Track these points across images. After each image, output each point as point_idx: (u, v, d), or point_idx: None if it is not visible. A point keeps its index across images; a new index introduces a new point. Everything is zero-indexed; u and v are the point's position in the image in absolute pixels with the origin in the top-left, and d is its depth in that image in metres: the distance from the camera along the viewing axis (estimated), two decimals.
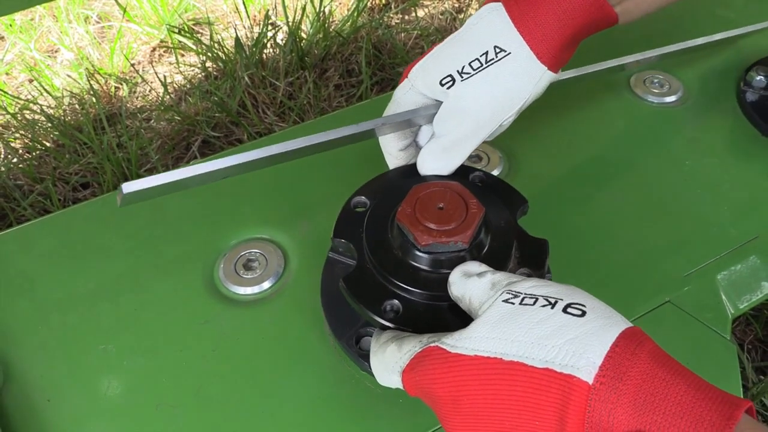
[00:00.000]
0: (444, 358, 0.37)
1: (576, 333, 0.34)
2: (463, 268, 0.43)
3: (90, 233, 0.64)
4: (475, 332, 0.37)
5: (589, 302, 0.36)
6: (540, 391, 0.33)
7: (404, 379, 0.40)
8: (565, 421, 0.32)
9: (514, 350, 0.34)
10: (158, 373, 0.54)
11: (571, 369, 0.32)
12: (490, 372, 0.35)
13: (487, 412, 0.35)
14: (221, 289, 0.59)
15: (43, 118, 0.91)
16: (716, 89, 0.76)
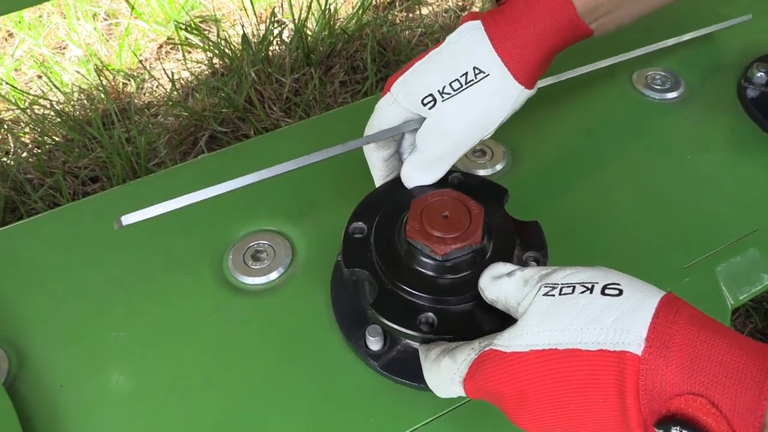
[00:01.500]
0: (502, 359, 0.39)
1: (619, 312, 0.36)
2: (490, 272, 0.45)
3: (100, 225, 0.65)
4: (525, 329, 0.39)
5: (622, 280, 0.38)
6: (598, 372, 0.35)
7: (466, 388, 0.42)
8: (624, 394, 0.35)
9: (566, 339, 0.37)
10: (169, 359, 0.55)
11: (621, 346, 0.35)
12: (548, 363, 0.37)
13: (552, 402, 0.37)
14: (230, 279, 0.60)
15: (53, 113, 0.92)
16: (717, 86, 0.77)
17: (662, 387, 0.34)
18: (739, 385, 0.32)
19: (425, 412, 0.51)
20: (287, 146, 0.73)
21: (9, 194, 0.82)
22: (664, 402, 0.33)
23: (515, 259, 0.51)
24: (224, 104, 0.93)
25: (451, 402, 0.51)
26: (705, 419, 0.32)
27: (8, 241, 0.64)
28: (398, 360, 0.52)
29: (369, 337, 0.52)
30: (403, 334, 0.48)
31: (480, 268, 0.49)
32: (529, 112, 0.72)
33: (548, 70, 0.65)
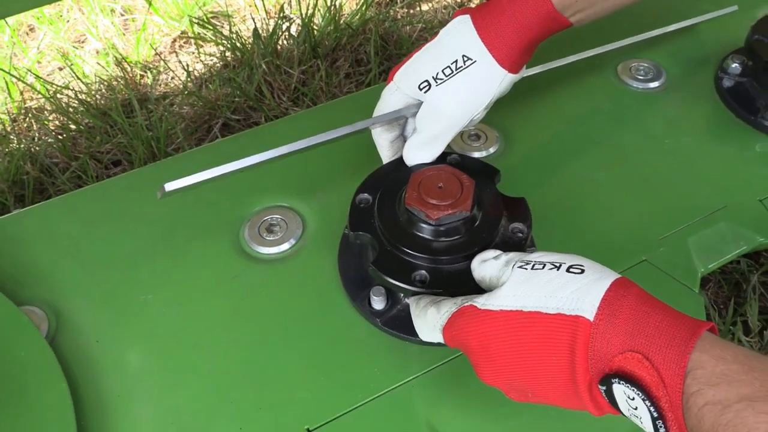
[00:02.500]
0: (475, 315, 0.46)
1: (578, 285, 0.42)
2: (481, 256, 0.51)
3: (128, 202, 0.71)
4: (499, 293, 0.45)
5: (586, 263, 0.45)
6: (554, 332, 0.41)
7: (444, 335, 0.49)
8: (574, 352, 0.40)
9: (532, 303, 0.43)
10: (194, 319, 0.61)
11: (577, 311, 0.41)
12: (513, 322, 0.43)
13: (512, 356, 0.44)
14: (246, 250, 0.66)
15: (76, 102, 0.98)
16: (696, 76, 0.83)
17: (608, 348, 0.39)
18: (669, 343, 0.37)
19: (423, 363, 0.57)
20: (296, 131, 0.78)
21: (38, 176, 0.89)
22: (607, 362, 0.39)
23: (502, 228, 0.57)
24: (236, 94, 0.99)
25: (445, 354, 0.57)
26: (639, 372, 0.37)
27: (43, 216, 0.70)
28: (398, 317, 0.58)
29: (373, 297, 0.58)
30: (400, 289, 0.54)
31: (469, 235, 0.55)
32: (520, 100, 0.78)
33: (539, 60, 0.72)
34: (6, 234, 0.68)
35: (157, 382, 0.57)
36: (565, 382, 0.42)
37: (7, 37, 1.14)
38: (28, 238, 0.67)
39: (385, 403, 0.55)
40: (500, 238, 0.57)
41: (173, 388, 0.56)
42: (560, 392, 0.43)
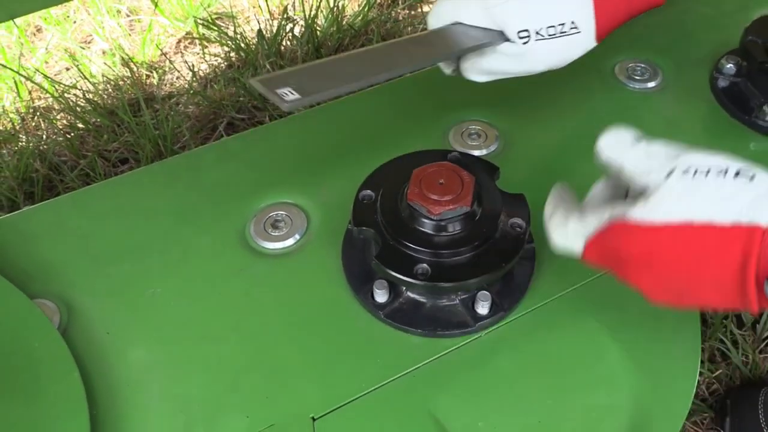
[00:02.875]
0: (635, 229, 0.44)
1: (752, 195, 0.41)
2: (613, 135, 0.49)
3: (136, 197, 0.73)
4: (660, 205, 0.43)
5: (753, 168, 0.43)
6: (728, 244, 0.41)
7: (587, 248, 0.48)
8: (747, 259, 0.40)
9: (703, 214, 0.42)
10: (201, 311, 0.62)
11: (754, 220, 0.40)
12: (682, 235, 0.42)
13: (679, 269, 0.43)
14: (252, 245, 0.68)
15: (83, 101, 1.00)
16: (692, 76, 0.84)
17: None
18: None
19: (424, 354, 0.58)
20: (300, 131, 0.81)
21: (47, 174, 0.90)
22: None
23: (501, 223, 0.59)
24: (241, 93, 1.01)
25: (446, 345, 0.59)
26: None
27: (54, 212, 0.72)
28: (400, 310, 0.60)
29: (376, 290, 0.60)
30: (402, 282, 0.56)
31: (469, 229, 0.57)
32: (520, 99, 0.80)
33: None
34: (18, 230, 0.69)
35: (166, 372, 0.58)
36: (734, 285, 0.42)
37: (15, 38, 1.16)
38: (39, 234, 0.69)
39: (388, 392, 0.56)
40: (499, 233, 0.58)
41: (181, 377, 0.58)
42: (723, 292, 0.43)
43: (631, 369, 0.58)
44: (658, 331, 0.60)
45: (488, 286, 0.59)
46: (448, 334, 0.59)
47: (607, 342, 0.59)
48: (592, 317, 0.61)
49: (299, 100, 0.49)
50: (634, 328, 0.60)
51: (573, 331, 0.60)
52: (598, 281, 0.63)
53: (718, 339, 0.73)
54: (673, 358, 0.59)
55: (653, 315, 0.61)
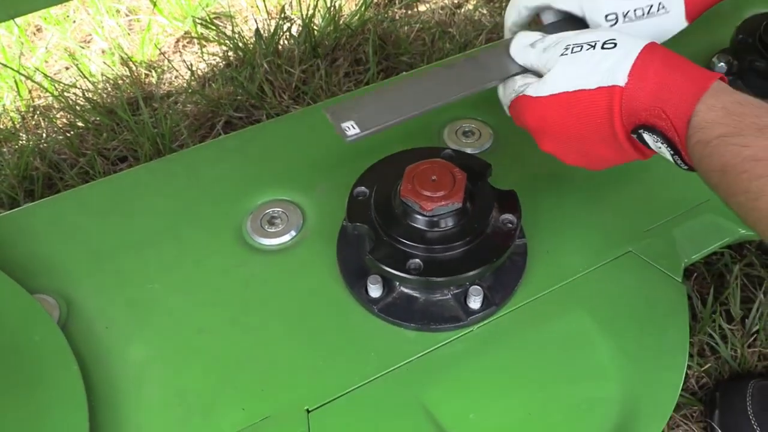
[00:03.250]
0: (530, 102, 0.55)
1: (612, 60, 0.50)
2: (518, 41, 0.59)
3: (135, 195, 0.74)
4: (548, 80, 0.54)
5: (618, 37, 0.52)
6: (596, 102, 0.51)
7: (510, 113, 0.60)
8: (612, 113, 0.50)
9: (574, 84, 0.52)
10: (199, 306, 0.64)
11: (612, 81, 0.50)
12: (563, 102, 0.53)
13: (565, 129, 0.54)
14: (249, 241, 0.69)
15: (83, 100, 1.01)
16: None
17: (637, 106, 0.49)
18: (681, 98, 0.47)
19: (417, 348, 0.60)
20: (297, 129, 0.82)
21: (47, 172, 0.92)
22: (637, 116, 0.49)
23: (493, 219, 0.60)
24: (239, 92, 1.02)
25: (438, 339, 0.60)
26: (659, 123, 0.48)
27: (54, 209, 0.73)
28: (394, 304, 0.61)
29: (370, 285, 0.61)
30: (395, 277, 0.57)
31: (461, 225, 0.58)
32: None
33: None
34: (19, 226, 0.70)
35: (164, 366, 0.60)
36: (609, 137, 0.52)
37: (15, 37, 1.17)
38: (39, 230, 0.70)
39: (381, 385, 0.58)
40: (491, 228, 0.59)
41: (179, 371, 0.59)
42: (607, 146, 0.53)
43: (621, 362, 0.59)
44: (648, 325, 0.61)
45: (480, 281, 0.60)
46: (441, 328, 0.60)
47: (597, 335, 0.61)
48: (582, 311, 0.62)
49: (360, 134, 0.56)
50: (624, 322, 0.62)
51: (563, 324, 0.61)
52: (589, 276, 0.65)
53: (707, 333, 0.74)
54: (661, 352, 0.60)
55: (643, 309, 0.63)
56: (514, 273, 0.63)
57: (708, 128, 0.46)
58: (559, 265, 0.65)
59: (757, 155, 0.43)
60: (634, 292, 0.64)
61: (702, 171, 0.48)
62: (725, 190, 0.46)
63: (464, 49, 1.11)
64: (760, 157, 0.43)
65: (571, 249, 0.67)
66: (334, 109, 0.57)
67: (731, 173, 0.44)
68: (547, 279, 0.64)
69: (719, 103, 0.46)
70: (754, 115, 0.45)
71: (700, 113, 0.47)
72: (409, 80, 0.61)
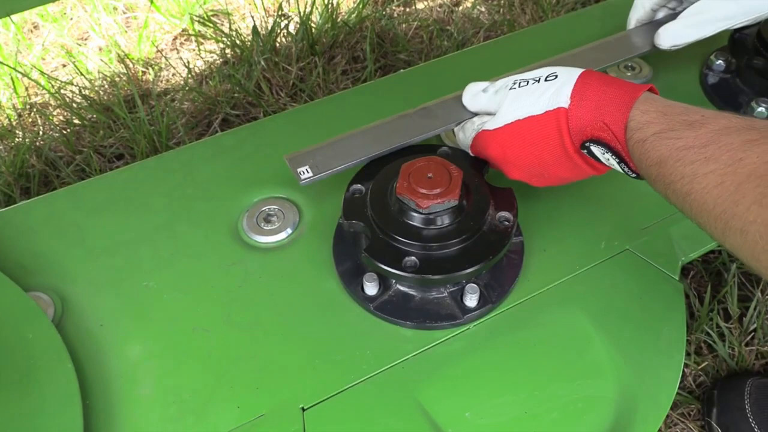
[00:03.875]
0: (488, 135, 0.60)
1: (555, 87, 0.56)
2: (469, 91, 0.64)
3: (131, 192, 0.74)
4: (500, 113, 0.59)
5: (558, 69, 0.58)
6: (545, 125, 0.55)
7: (472, 151, 0.63)
8: (561, 133, 0.55)
9: (524, 112, 0.57)
10: (193, 303, 0.63)
11: (557, 104, 0.55)
12: (516, 130, 0.57)
13: (524, 154, 0.58)
14: (245, 239, 0.69)
15: (80, 97, 1.01)
16: (682, 73, 0.85)
17: (581, 123, 0.54)
18: (617, 108, 0.52)
19: (412, 346, 0.59)
20: (294, 126, 0.81)
21: (43, 169, 0.91)
22: (583, 132, 0.54)
23: (489, 216, 0.60)
24: (236, 90, 1.02)
25: (434, 337, 0.60)
26: (602, 134, 0.52)
27: (50, 206, 0.73)
28: (390, 302, 0.61)
29: (366, 283, 0.60)
30: (391, 275, 0.57)
31: (457, 223, 0.58)
32: None
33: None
34: (14, 223, 0.70)
35: (158, 364, 0.59)
36: (562, 155, 0.56)
37: (12, 35, 1.17)
38: (35, 228, 0.70)
39: (377, 383, 0.57)
40: (487, 226, 0.59)
41: (173, 369, 0.59)
42: (563, 165, 0.57)
43: (617, 360, 0.59)
44: (644, 323, 0.61)
45: (477, 279, 0.60)
46: (437, 326, 0.60)
47: (594, 333, 0.60)
48: (579, 309, 0.62)
49: (312, 178, 0.61)
50: (621, 320, 0.61)
51: (560, 323, 0.61)
52: (586, 274, 0.64)
53: (705, 332, 0.74)
54: (658, 350, 0.60)
55: (640, 307, 0.62)
56: (510, 271, 0.63)
57: (644, 128, 0.51)
58: (555, 263, 0.65)
59: (689, 144, 0.47)
60: (631, 290, 0.63)
61: (642, 168, 0.52)
62: (663, 180, 0.50)
63: (462, 47, 1.11)
64: (690, 145, 0.47)
65: (567, 247, 0.66)
66: (292, 156, 0.63)
67: (667, 163, 0.48)
68: (543, 277, 0.64)
69: (652, 107, 0.51)
70: (683, 113, 0.50)
71: (635, 117, 0.51)
72: (365, 129, 0.66)
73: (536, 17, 1.14)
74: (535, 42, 0.94)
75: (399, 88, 0.86)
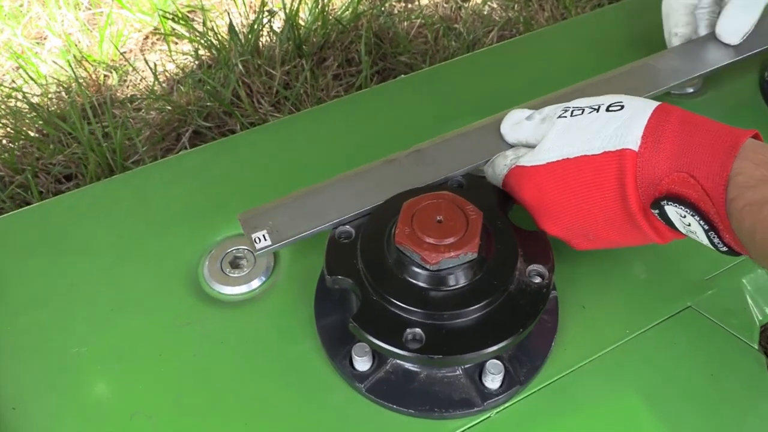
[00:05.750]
0: (524, 173, 0.47)
1: (620, 121, 0.43)
2: (510, 120, 0.52)
3: (69, 226, 0.60)
4: (543, 147, 0.47)
5: (625, 98, 0.45)
6: (602, 171, 0.43)
7: (504, 187, 0.51)
8: (624, 184, 0.42)
9: (576, 149, 0.44)
10: (134, 379, 0.50)
11: (622, 145, 0.42)
12: (560, 172, 0.45)
13: (566, 203, 0.46)
14: (206, 289, 0.55)
15: (27, 107, 0.87)
16: (738, 79, 0.72)
17: (655, 173, 0.41)
18: (711, 157, 0.39)
19: None
20: (274, 143, 0.68)
21: None
22: (656, 186, 0.41)
23: (518, 272, 0.46)
24: (210, 98, 0.88)
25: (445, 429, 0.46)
26: (685, 190, 0.40)
27: None
28: (386, 382, 0.47)
29: (355, 356, 0.46)
30: (387, 352, 0.43)
31: (477, 282, 0.44)
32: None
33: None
34: None
35: None
36: (621, 214, 0.44)
37: None
38: None
39: None
40: (516, 285, 0.45)
41: None
42: (618, 227, 0.45)
43: None
44: (717, 409, 0.47)
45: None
46: (448, 415, 0.46)
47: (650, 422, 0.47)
48: (630, 389, 0.49)
49: (270, 247, 0.48)
50: (686, 405, 0.48)
51: (606, 407, 0.48)
52: (637, 341, 0.51)
53: None
54: None
55: (711, 387, 0.49)
56: (542, 338, 0.49)
57: (760, 186, 0.38)
58: (598, 326, 0.51)
59: None
60: (698, 363, 0.50)
61: (751, 240, 0.38)
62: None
63: (472, 48, 0.97)
64: None
65: (612, 303, 0.53)
66: (248, 216, 0.50)
67: None
68: (583, 345, 0.50)
69: (765, 157, 0.39)
70: None
71: (744, 170, 0.39)
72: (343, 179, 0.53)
73: (557, 15, 1.00)
74: (557, 43, 0.81)
75: (400, 96, 0.74)
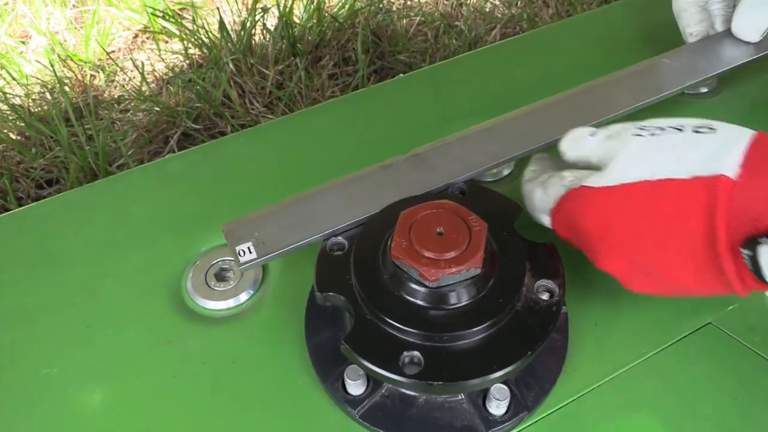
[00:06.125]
0: (589, 194, 0.41)
1: (714, 145, 0.38)
2: (572, 136, 0.46)
3: (44, 236, 0.57)
4: (616, 167, 0.41)
5: (713, 122, 0.41)
6: (688, 198, 0.38)
7: (553, 220, 0.45)
8: (714, 215, 0.37)
9: (659, 171, 0.39)
10: (108, 403, 0.46)
11: (717, 171, 0.37)
12: (637, 194, 0.39)
13: (638, 232, 0.39)
14: (189, 303, 0.51)
15: (8, 108, 0.83)
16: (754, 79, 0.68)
17: (753, 207, 0.36)
18: None
19: None
20: (265, 145, 0.64)
21: None
22: (753, 221, 0.35)
23: (525, 288, 0.42)
24: (198, 98, 0.84)
25: None
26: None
27: None
28: (381, 407, 0.43)
29: (348, 380, 0.43)
30: (382, 377, 0.39)
31: (480, 300, 0.40)
32: None
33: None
34: None
35: None
36: (702, 252, 0.38)
37: None
38: None
39: None
40: (523, 303, 0.41)
41: None
42: (695, 267, 0.38)
43: None
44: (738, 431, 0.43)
45: None
46: None
47: None
48: (649, 413, 0.44)
49: (255, 261, 0.45)
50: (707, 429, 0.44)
51: None
52: (654, 360, 0.47)
53: None
54: None
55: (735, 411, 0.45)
56: (551, 359, 0.45)
57: None
58: (611, 344, 0.48)
59: None
60: (721, 384, 0.46)
61: None
62: None
63: (474, 47, 0.93)
64: None
65: (626, 320, 0.49)
66: (231, 227, 0.47)
67: None
68: (596, 365, 0.46)
69: None
70: None
71: None
72: (334, 186, 0.50)
73: (562, 11, 0.97)
74: (563, 41, 0.78)
75: (398, 96, 0.70)
